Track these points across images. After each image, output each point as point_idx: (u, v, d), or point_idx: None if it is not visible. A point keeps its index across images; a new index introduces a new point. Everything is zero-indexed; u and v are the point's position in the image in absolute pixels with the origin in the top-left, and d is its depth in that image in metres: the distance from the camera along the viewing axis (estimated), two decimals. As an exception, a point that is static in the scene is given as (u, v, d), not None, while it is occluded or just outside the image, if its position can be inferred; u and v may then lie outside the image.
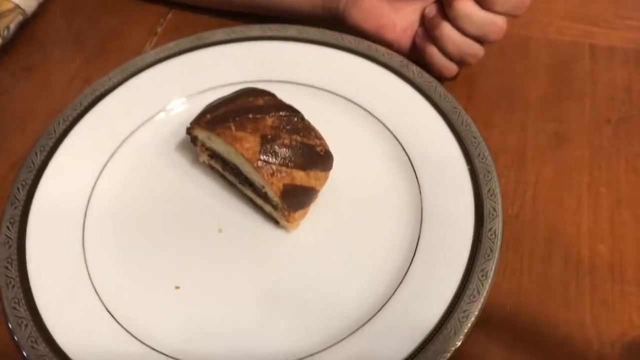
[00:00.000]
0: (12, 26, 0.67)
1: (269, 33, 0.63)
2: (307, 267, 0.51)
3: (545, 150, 0.58)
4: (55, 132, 0.56)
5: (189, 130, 0.53)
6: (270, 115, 0.50)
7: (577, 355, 0.47)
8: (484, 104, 0.61)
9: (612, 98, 0.61)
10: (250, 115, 0.50)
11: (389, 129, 0.57)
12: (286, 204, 0.49)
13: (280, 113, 0.50)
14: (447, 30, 0.56)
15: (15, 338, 0.45)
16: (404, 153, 0.55)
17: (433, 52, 0.58)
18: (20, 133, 0.62)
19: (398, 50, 0.60)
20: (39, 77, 0.67)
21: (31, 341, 0.45)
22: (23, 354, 0.45)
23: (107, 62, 0.67)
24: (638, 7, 0.68)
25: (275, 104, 0.51)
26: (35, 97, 0.65)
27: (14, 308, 0.46)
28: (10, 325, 0.46)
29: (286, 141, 0.49)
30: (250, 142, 0.48)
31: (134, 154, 0.57)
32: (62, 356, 0.44)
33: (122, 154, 0.57)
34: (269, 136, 0.49)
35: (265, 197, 0.51)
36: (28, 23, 0.70)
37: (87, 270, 0.50)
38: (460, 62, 0.58)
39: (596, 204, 0.54)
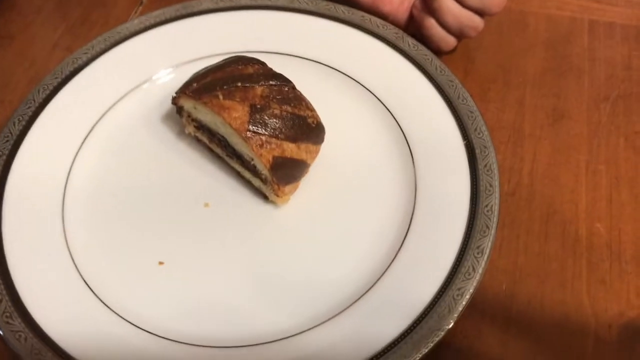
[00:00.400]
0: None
1: (259, 2, 0.60)
2: (297, 243, 0.49)
3: (543, 127, 0.56)
4: (34, 101, 0.54)
5: (174, 100, 0.51)
6: (260, 84, 0.48)
7: (574, 336, 0.46)
8: (481, 79, 0.59)
9: (611, 75, 0.60)
10: (239, 84, 0.48)
11: (382, 103, 0.55)
12: (276, 177, 0.47)
13: (271, 82, 0.48)
14: (446, 2, 0.54)
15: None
16: (398, 127, 0.54)
17: (431, 24, 0.56)
18: (-2, 103, 0.60)
19: (394, 23, 0.58)
20: (20, 46, 0.64)
21: (6, 316, 0.43)
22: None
23: (91, 32, 0.65)
24: (639, -17, 0.66)
25: (265, 73, 0.49)
26: (16, 66, 0.63)
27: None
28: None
29: (276, 111, 0.47)
30: (239, 112, 0.46)
31: (117, 125, 0.55)
32: (44, 338, 0.42)
33: (104, 125, 0.54)
34: (259, 106, 0.47)
35: (253, 170, 0.49)
36: (7, -9, 0.67)
37: (68, 248, 0.48)
38: (460, 35, 0.56)
39: (594, 183, 0.53)
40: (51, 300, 0.45)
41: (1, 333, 0.42)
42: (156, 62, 0.58)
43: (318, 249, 0.48)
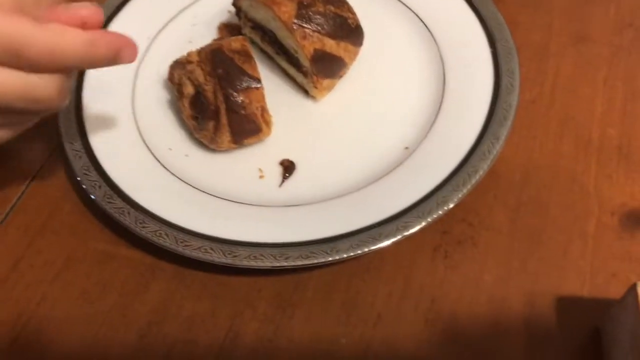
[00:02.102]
0: None
1: None
2: (335, 131, 0.55)
3: (567, 47, 0.61)
4: (110, 5, 0.62)
5: (235, 1, 0.58)
6: (308, -15, 0.54)
7: (578, 219, 0.50)
8: (513, 3, 0.64)
9: (637, 5, 0.63)
10: (290, -16, 0.54)
11: (418, 16, 0.61)
12: (315, 68, 0.53)
13: (318, -15, 0.55)
14: None
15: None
16: (432, 39, 0.59)
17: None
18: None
19: None
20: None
21: (84, 169, 0.51)
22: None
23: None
24: None
25: (313, -24, 0.55)
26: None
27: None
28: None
29: (320, 9, 0.53)
30: (287, 7, 0.53)
31: (183, 29, 0.62)
32: (113, 187, 0.50)
33: (173, 26, 0.62)
34: (305, 3, 0.53)
35: (297, 64, 0.55)
36: None
37: (136, 122, 0.56)
38: None
39: (610, 95, 0.57)
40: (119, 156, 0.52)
41: (82, 183, 0.50)
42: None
43: (352, 138, 0.55)
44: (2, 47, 0.37)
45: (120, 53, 0.42)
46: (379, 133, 0.54)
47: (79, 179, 0.51)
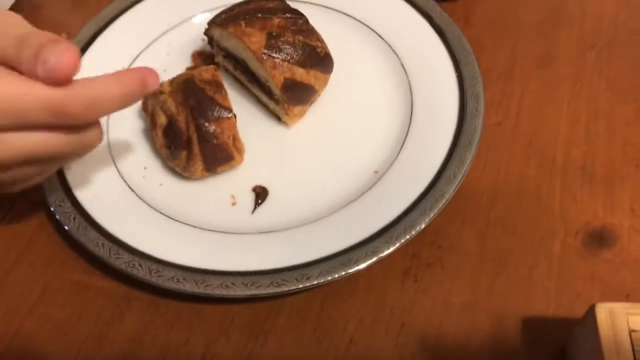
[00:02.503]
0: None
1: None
2: (306, 156, 0.56)
3: (532, 70, 0.62)
4: (84, 36, 0.63)
5: (206, 31, 0.59)
6: (278, 16, 0.56)
7: (544, 239, 0.52)
8: (479, 27, 0.66)
9: (599, 26, 0.65)
10: (260, 15, 0.55)
11: (387, 43, 0.62)
12: (286, 96, 0.55)
13: (287, 15, 0.56)
14: None
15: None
16: (400, 64, 0.60)
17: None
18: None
19: None
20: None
21: (59, 201, 0.52)
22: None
23: None
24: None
25: (283, 7, 0.57)
26: (69, 15, 0.72)
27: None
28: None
29: (290, 39, 0.55)
30: (257, 37, 0.54)
31: (157, 58, 0.63)
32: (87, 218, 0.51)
33: (148, 55, 0.63)
34: (274, 34, 0.54)
35: (269, 92, 0.57)
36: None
37: (111, 154, 0.56)
38: None
39: (574, 117, 0.59)
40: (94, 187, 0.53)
41: (56, 215, 0.51)
42: (193, 6, 0.66)
43: (322, 163, 0.56)
44: (39, 113, 0.38)
45: (146, 82, 0.43)
46: (349, 158, 0.56)
47: (52, 210, 0.52)
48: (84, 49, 0.62)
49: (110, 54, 0.62)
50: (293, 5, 0.58)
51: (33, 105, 0.38)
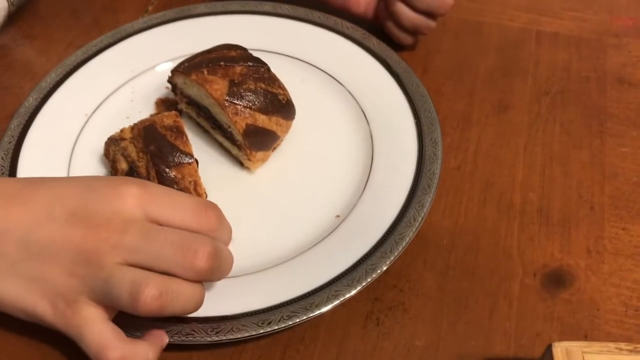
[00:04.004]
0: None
1: (247, 8, 0.70)
2: (267, 203, 0.57)
3: (489, 116, 0.64)
4: (49, 81, 0.63)
5: (170, 78, 0.60)
6: (240, 64, 0.57)
7: (503, 281, 0.53)
8: (437, 75, 0.68)
9: (552, 75, 0.68)
10: (222, 63, 0.56)
11: (349, 91, 0.63)
12: (248, 142, 0.55)
13: (249, 63, 0.57)
14: (400, 7, 0.63)
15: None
16: (361, 111, 0.62)
17: (391, 25, 0.66)
18: (18, 89, 0.69)
19: (364, 20, 0.68)
20: (39, 44, 0.74)
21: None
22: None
23: (102, 33, 0.74)
24: (582, 1, 0.76)
25: (245, 56, 0.58)
26: (35, 61, 0.72)
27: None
28: None
29: (251, 87, 0.56)
30: (219, 85, 0.55)
31: (120, 108, 0.63)
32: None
33: (107, 107, 0.63)
34: (236, 81, 0.55)
35: (231, 138, 0.57)
36: (31, 1, 0.77)
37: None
38: (415, 32, 0.66)
39: (530, 161, 0.61)
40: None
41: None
42: (157, 55, 0.67)
43: (285, 207, 0.56)
44: None
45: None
46: (311, 202, 0.56)
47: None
48: (49, 93, 0.63)
49: (75, 100, 0.62)
50: (255, 54, 0.60)
51: None
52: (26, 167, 0.57)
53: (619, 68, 0.68)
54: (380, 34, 0.68)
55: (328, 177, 0.58)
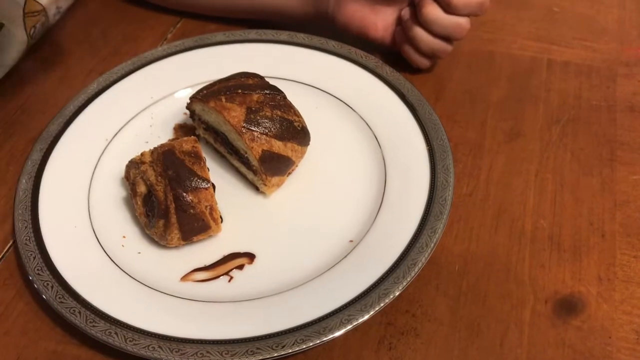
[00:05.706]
0: (38, 26, 0.76)
1: (264, 37, 0.72)
2: (283, 225, 0.58)
3: (501, 144, 0.65)
4: (72, 107, 0.65)
5: (188, 105, 0.61)
6: (257, 92, 0.58)
7: (515, 308, 0.53)
8: (449, 103, 0.69)
9: (563, 103, 0.69)
10: (240, 91, 0.58)
11: (362, 118, 0.65)
12: (263, 167, 0.57)
13: (265, 91, 0.59)
14: (418, 32, 0.65)
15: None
16: (374, 138, 0.63)
17: (409, 49, 0.67)
18: (41, 115, 0.70)
19: (382, 45, 0.70)
20: (61, 71, 0.76)
21: (37, 270, 0.52)
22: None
23: (122, 61, 0.76)
24: (593, 31, 0.77)
25: (262, 84, 0.60)
26: (57, 87, 0.74)
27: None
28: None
29: (268, 114, 0.57)
30: (237, 112, 0.57)
31: (140, 129, 0.65)
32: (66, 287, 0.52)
33: (132, 127, 0.65)
34: (254, 108, 0.57)
35: (247, 163, 0.59)
36: (52, 30, 0.79)
37: (91, 221, 0.58)
38: (432, 56, 0.67)
39: (541, 188, 0.61)
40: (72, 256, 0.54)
41: (34, 283, 0.52)
42: (176, 82, 0.68)
43: (299, 231, 0.57)
44: None
45: None
46: (325, 227, 0.57)
47: (31, 278, 0.52)
48: (71, 119, 0.65)
49: (97, 125, 0.64)
50: (271, 81, 0.61)
51: None
52: (48, 190, 0.58)
53: (629, 96, 0.69)
54: (393, 57, 0.69)
55: (342, 203, 0.59)
